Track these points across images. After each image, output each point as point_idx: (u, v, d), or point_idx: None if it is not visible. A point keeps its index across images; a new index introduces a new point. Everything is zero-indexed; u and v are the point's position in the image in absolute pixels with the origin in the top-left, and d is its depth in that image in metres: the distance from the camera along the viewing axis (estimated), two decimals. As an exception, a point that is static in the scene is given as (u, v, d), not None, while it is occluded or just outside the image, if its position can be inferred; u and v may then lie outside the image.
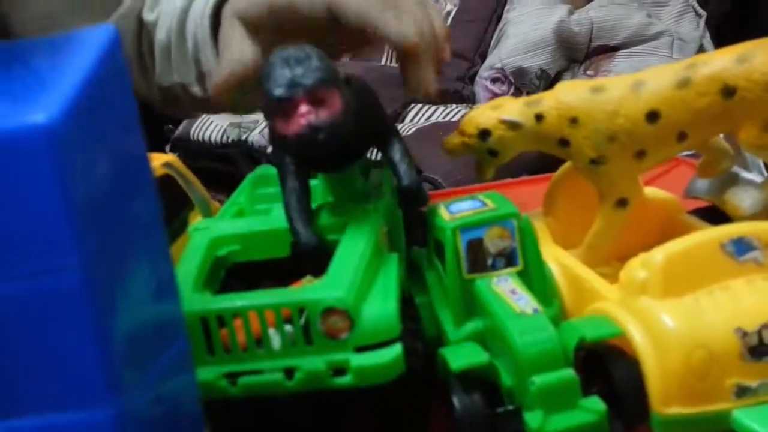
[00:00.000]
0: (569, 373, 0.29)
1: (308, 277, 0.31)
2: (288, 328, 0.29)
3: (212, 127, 1.40)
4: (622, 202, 0.39)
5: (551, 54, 1.51)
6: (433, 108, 1.42)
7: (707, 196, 0.42)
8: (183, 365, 0.22)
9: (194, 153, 1.37)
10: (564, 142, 0.38)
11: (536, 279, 0.34)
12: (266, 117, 0.32)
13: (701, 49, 1.48)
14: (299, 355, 0.28)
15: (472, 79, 1.56)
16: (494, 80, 1.56)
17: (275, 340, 0.29)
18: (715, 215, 0.42)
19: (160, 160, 0.44)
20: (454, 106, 1.43)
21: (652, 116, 0.36)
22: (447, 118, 1.33)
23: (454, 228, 0.34)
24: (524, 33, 1.52)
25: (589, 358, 0.31)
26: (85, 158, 0.17)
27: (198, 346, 0.28)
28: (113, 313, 0.18)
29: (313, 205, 0.36)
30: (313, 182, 0.39)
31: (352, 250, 0.31)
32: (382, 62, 1.53)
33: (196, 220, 0.43)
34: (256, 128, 1.37)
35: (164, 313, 0.22)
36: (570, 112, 0.37)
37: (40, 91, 0.17)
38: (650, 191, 0.44)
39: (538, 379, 0.28)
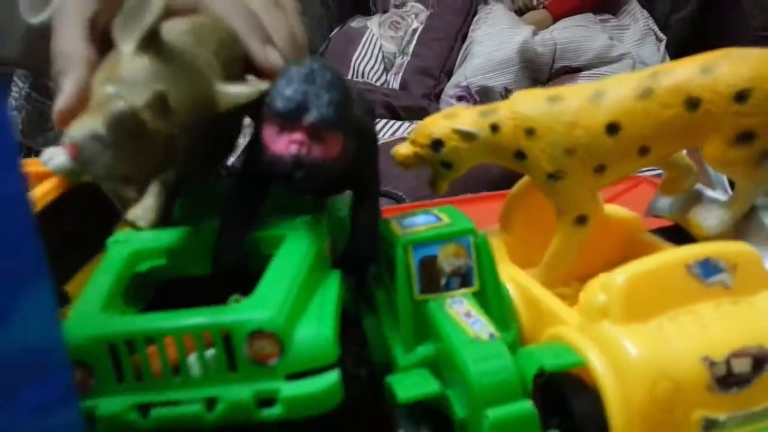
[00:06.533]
0: (527, 406, 0.26)
1: (235, 296, 0.27)
2: (209, 352, 0.25)
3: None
4: (581, 220, 0.37)
5: (515, 73, 1.52)
6: (398, 123, 1.41)
7: (670, 215, 0.41)
8: (63, 402, 0.19)
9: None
10: (520, 155, 0.36)
11: (493, 301, 0.32)
12: (257, 117, 0.29)
13: (662, 73, 1.50)
14: (222, 384, 0.25)
15: (437, 97, 1.56)
16: (459, 98, 1.57)
17: (194, 367, 0.25)
18: (678, 235, 0.41)
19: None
20: (419, 122, 1.42)
21: (612, 128, 0.34)
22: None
23: (405, 243, 0.31)
24: (489, 52, 1.54)
25: (547, 387, 0.29)
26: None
27: (104, 374, 0.25)
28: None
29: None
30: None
31: (287, 264, 0.28)
32: (348, 76, 1.52)
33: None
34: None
35: (34, 342, 0.18)
36: (526, 123, 0.35)
37: None
38: (611, 209, 0.42)
39: (493, 413, 0.26)
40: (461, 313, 0.30)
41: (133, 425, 0.25)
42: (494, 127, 0.36)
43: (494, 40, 1.50)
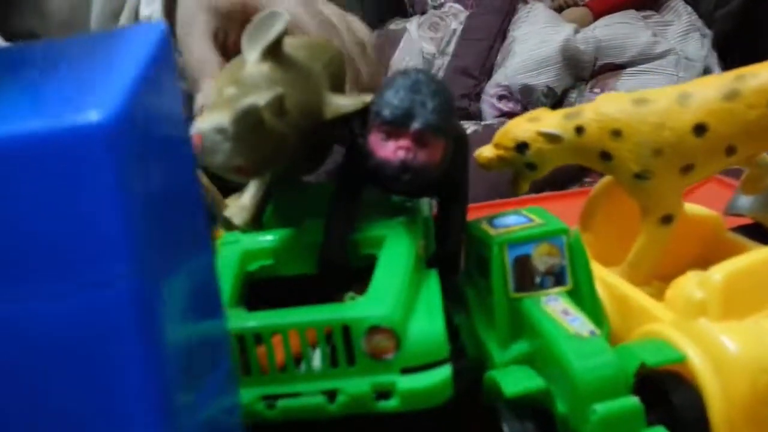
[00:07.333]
0: (633, 401, 0.27)
1: (350, 294, 0.29)
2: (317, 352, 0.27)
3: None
4: (667, 219, 0.37)
5: (557, 72, 1.51)
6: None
7: (751, 213, 0.41)
8: (229, 388, 0.21)
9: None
10: (606, 156, 0.37)
11: (587, 299, 0.33)
12: (363, 124, 0.31)
13: (707, 68, 1.48)
14: (341, 377, 0.26)
15: (478, 97, 1.56)
16: (501, 97, 1.56)
17: (315, 361, 0.27)
18: (759, 233, 0.41)
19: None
20: (461, 122, 1.42)
21: (700, 129, 0.35)
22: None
23: (501, 243, 0.32)
24: (530, 51, 1.52)
25: (645, 384, 0.29)
26: (140, 159, 0.16)
27: (234, 366, 0.26)
28: (164, 330, 0.16)
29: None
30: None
31: (394, 264, 0.29)
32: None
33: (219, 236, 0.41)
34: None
35: (211, 330, 0.20)
36: (612, 125, 0.36)
37: (92, 89, 0.16)
38: (691, 208, 0.42)
39: (601, 408, 0.27)
40: (558, 311, 0.31)
41: (260, 415, 0.26)
42: (579, 129, 0.37)
43: (535, 39, 1.49)
